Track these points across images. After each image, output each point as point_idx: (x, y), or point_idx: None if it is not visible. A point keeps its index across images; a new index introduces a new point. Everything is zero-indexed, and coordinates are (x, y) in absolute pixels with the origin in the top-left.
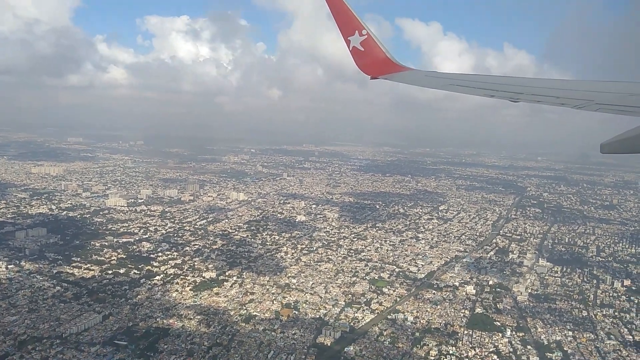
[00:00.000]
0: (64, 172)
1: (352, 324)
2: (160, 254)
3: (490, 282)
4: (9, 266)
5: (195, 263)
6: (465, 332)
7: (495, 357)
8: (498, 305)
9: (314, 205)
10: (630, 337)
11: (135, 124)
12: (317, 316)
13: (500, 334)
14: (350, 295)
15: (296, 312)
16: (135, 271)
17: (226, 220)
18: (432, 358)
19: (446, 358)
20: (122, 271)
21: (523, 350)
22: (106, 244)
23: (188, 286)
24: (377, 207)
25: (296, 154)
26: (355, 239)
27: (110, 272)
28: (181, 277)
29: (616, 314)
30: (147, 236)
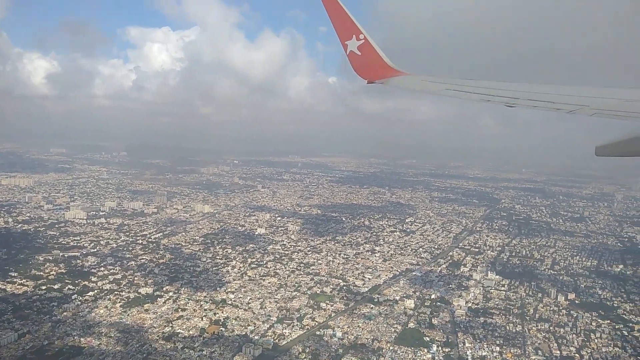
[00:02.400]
0: (34, 183)
1: (277, 340)
2: (102, 268)
3: (433, 296)
4: None
5: (136, 278)
6: (391, 347)
7: None
8: (433, 320)
9: (278, 218)
10: (558, 352)
11: (124, 133)
12: (243, 333)
13: (425, 350)
14: (284, 311)
15: (223, 329)
16: (71, 287)
17: (183, 234)
18: None
19: None
20: (56, 286)
21: None
22: (50, 258)
23: (119, 302)
24: (343, 219)
25: (279, 165)
26: (309, 252)
27: (44, 287)
28: (115, 292)
29: (551, 328)
30: (95, 250)
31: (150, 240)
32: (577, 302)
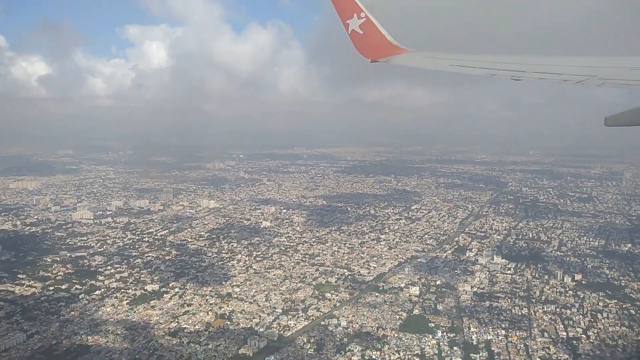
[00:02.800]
0: (42, 186)
1: (282, 332)
2: (109, 267)
3: (438, 282)
4: None
5: (142, 275)
6: (396, 335)
7: None
8: (438, 306)
9: (284, 210)
10: (565, 333)
11: (129, 132)
12: (249, 326)
13: (430, 336)
14: (289, 302)
15: (228, 323)
16: (78, 286)
17: (189, 230)
18: None
19: None
20: (64, 287)
21: (449, 352)
22: (58, 259)
23: (126, 300)
24: (349, 209)
25: (285, 157)
26: (314, 243)
27: (52, 288)
28: (122, 290)
29: (557, 310)
30: (102, 249)
31: (156, 237)
32: (584, 282)
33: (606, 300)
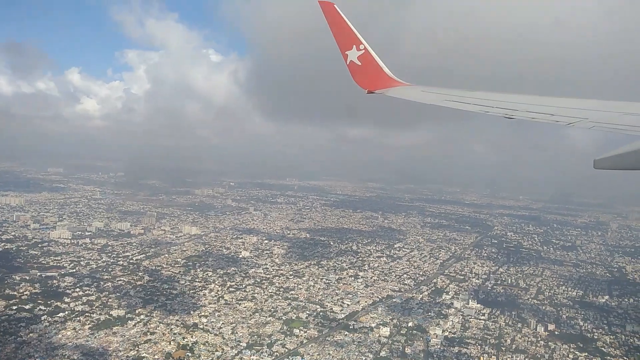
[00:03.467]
0: (25, 202)
1: None
2: (77, 289)
3: (410, 324)
4: None
5: (110, 300)
6: None
7: None
8: (406, 349)
9: (265, 241)
10: None
11: (122, 154)
12: (210, 359)
13: None
14: (255, 337)
15: (189, 354)
16: (42, 307)
17: (166, 255)
18: None
19: None
20: (28, 307)
21: None
22: (27, 277)
23: (88, 324)
24: (331, 243)
25: (275, 187)
26: (291, 277)
27: (15, 307)
28: (86, 314)
29: None
30: (74, 271)
31: (131, 261)
32: (556, 333)
33: (576, 352)
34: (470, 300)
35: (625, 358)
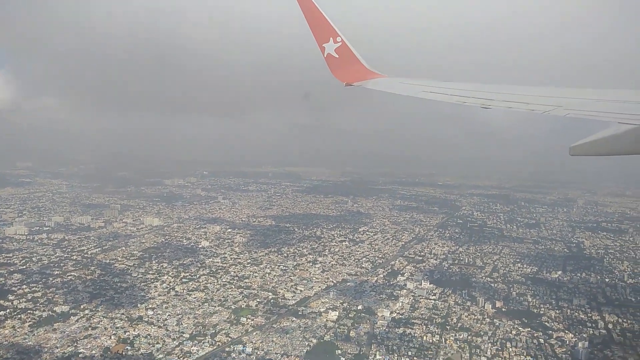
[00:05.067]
0: None
1: (181, 358)
2: (24, 286)
3: (359, 307)
4: None
5: (56, 296)
6: None
7: None
8: (351, 333)
9: (228, 230)
10: None
11: (98, 142)
12: (149, 352)
13: None
14: (200, 327)
15: (128, 348)
16: None
17: (123, 248)
18: None
19: None
20: None
21: None
22: None
23: (29, 322)
24: (296, 229)
25: (249, 175)
26: (248, 265)
27: None
28: (29, 312)
29: (469, 337)
30: (24, 267)
31: (86, 255)
32: (503, 310)
33: (520, 328)
34: (423, 280)
35: (567, 331)
